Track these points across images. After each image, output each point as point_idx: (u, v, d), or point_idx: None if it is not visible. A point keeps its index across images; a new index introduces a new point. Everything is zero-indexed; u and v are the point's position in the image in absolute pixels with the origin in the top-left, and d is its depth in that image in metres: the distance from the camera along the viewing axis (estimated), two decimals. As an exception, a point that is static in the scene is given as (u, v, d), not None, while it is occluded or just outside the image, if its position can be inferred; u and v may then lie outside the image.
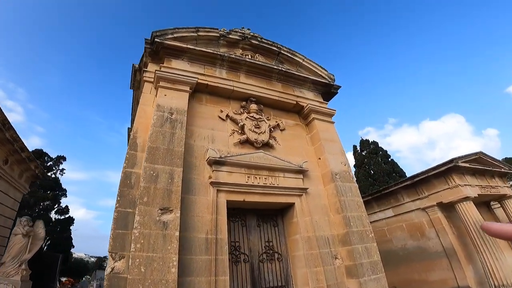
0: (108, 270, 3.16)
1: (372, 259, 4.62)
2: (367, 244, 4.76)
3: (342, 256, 4.71)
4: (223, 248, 3.83)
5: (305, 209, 4.87)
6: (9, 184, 7.02)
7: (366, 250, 4.67)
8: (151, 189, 3.61)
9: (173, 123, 4.36)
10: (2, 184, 6.76)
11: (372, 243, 4.85)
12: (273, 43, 6.61)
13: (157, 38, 5.00)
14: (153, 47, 5.12)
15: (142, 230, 3.28)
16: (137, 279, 2.99)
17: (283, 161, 5.11)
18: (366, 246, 4.74)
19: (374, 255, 4.71)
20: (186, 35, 5.49)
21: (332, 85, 6.82)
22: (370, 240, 4.85)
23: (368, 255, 4.63)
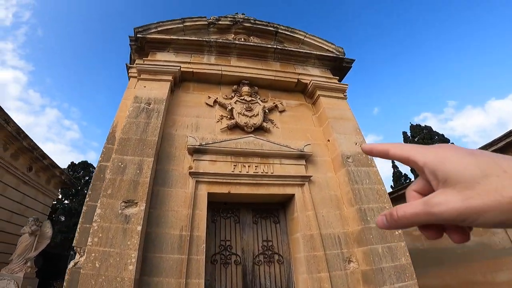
0: (71, 264, 3.05)
1: (398, 263, 3.62)
2: (390, 244, 3.78)
3: (357, 259, 3.84)
4: (199, 247, 3.41)
5: (307, 201, 4.15)
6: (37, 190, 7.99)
7: (390, 252, 3.69)
8: (116, 181, 3.44)
9: (149, 113, 4.20)
10: (29, 190, 7.75)
11: (399, 242, 3.83)
12: (268, 23, 6.15)
13: (139, 34, 5.02)
14: (137, 43, 5.18)
15: (101, 224, 3.09)
16: (90, 274, 2.78)
17: (279, 145, 4.51)
18: (390, 246, 3.75)
19: (402, 257, 3.69)
20: (172, 27, 5.43)
21: (342, 59, 5.98)
22: (395, 238, 3.85)
23: (392, 257, 3.65)
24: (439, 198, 0.35)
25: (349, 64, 6.15)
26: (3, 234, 6.90)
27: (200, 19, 5.65)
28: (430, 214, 0.36)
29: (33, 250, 4.84)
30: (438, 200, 0.35)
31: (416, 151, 0.40)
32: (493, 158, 0.35)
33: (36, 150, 7.60)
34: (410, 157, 0.41)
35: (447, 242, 7.32)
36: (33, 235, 4.94)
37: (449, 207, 0.34)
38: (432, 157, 0.38)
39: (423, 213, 0.36)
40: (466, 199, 0.33)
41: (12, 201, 7.42)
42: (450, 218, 0.34)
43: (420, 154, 0.40)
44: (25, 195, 7.94)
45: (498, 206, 0.31)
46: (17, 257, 4.65)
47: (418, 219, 0.37)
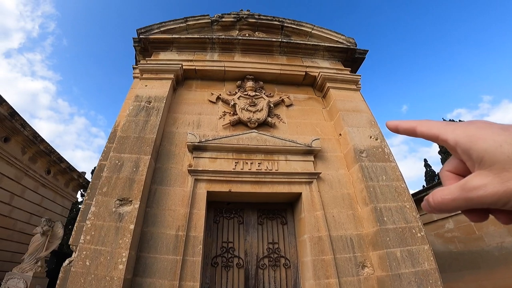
0: (66, 262, 3.04)
1: (420, 268, 3.20)
2: (411, 247, 3.37)
3: (372, 264, 3.47)
4: (195, 248, 3.25)
5: (315, 200, 3.86)
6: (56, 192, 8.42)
7: (410, 256, 3.29)
8: (112, 178, 3.41)
9: (148, 111, 4.19)
10: (48, 193, 8.18)
11: (421, 245, 3.41)
12: (273, 18, 6.01)
13: (142, 35, 5.11)
14: (141, 44, 5.28)
15: (95, 222, 3.06)
16: (80, 272, 2.73)
17: (284, 140, 4.29)
18: (410, 249, 3.35)
19: (424, 262, 3.27)
20: (175, 27, 5.47)
21: (354, 50, 5.66)
22: (417, 241, 3.44)
23: (413, 262, 3.25)
24: (476, 181, 0.34)
25: (363, 55, 5.83)
26: (22, 235, 7.32)
27: (202, 18, 5.65)
28: (468, 200, 0.34)
29: (44, 250, 5.02)
30: (476, 183, 0.33)
31: (446, 129, 0.38)
32: None
33: (53, 154, 8.03)
34: (440, 135, 0.39)
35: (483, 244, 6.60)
36: (44, 235, 5.13)
37: (487, 192, 0.32)
38: (463, 135, 0.36)
39: (461, 199, 0.34)
40: (504, 181, 0.31)
41: (31, 203, 7.87)
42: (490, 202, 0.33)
43: (450, 132, 0.37)
44: (44, 197, 8.41)
45: None
46: (28, 257, 4.85)
47: (456, 204, 0.35)
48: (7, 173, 6.95)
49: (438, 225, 7.63)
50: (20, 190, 7.50)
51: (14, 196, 7.39)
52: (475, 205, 0.34)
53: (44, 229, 5.14)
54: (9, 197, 7.17)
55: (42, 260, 4.96)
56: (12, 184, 7.21)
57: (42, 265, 4.86)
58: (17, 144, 7.05)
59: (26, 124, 6.77)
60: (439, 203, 0.36)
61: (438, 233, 7.60)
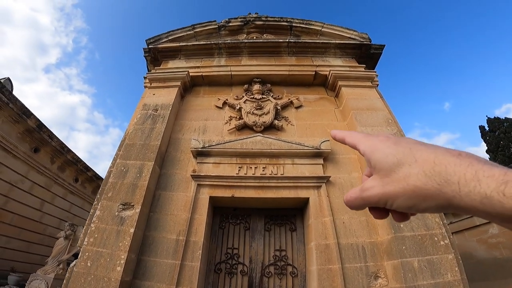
0: (73, 263, 3.27)
1: (441, 280, 2.93)
2: (431, 257, 3.10)
3: (386, 275, 3.25)
4: (194, 253, 3.31)
5: (324, 206, 3.74)
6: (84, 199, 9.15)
7: (430, 266, 3.03)
8: (117, 184, 3.62)
9: (155, 119, 4.41)
10: (76, 199, 8.92)
11: (445, 254, 3.12)
12: (281, 18, 6.04)
13: (151, 45, 5.44)
14: (151, 54, 5.61)
15: (98, 225, 3.27)
16: (81, 273, 2.92)
17: (289, 143, 4.24)
18: (430, 259, 3.09)
19: (447, 273, 2.99)
20: (183, 35, 5.74)
21: (368, 45, 5.46)
22: (439, 250, 3.15)
23: (433, 273, 2.98)
24: (368, 184, 0.41)
25: (378, 50, 5.60)
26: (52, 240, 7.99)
27: (209, 24, 5.86)
28: (362, 199, 0.41)
29: (66, 253, 5.45)
30: (367, 186, 0.40)
31: (360, 140, 0.46)
32: (412, 147, 0.38)
33: (80, 163, 8.77)
34: (356, 145, 0.46)
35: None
36: (67, 239, 5.58)
37: (373, 193, 0.39)
38: (367, 146, 0.43)
39: (359, 198, 0.41)
40: (383, 185, 0.38)
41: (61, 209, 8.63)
42: (375, 201, 0.39)
43: (361, 143, 0.45)
44: (72, 204, 9.19)
45: (404, 193, 0.35)
46: (51, 259, 5.30)
47: (357, 202, 0.42)
48: (38, 181, 7.71)
49: (481, 230, 7.08)
50: (50, 197, 8.26)
51: (45, 202, 8.16)
52: (368, 203, 0.41)
53: (67, 233, 5.59)
54: (40, 203, 7.93)
55: (64, 262, 5.38)
56: (43, 192, 7.98)
57: (63, 268, 5.27)
58: (46, 154, 7.82)
59: (54, 135, 7.49)
60: (347, 201, 0.44)
61: (481, 238, 7.02)
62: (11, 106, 7.07)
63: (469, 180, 0.31)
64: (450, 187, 0.32)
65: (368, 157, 0.42)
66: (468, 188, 0.31)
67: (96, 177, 9.97)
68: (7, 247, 7.45)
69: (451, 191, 0.32)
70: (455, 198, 0.32)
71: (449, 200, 0.32)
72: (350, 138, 0.48)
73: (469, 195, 0.31)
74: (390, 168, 0.37)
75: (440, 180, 0.33)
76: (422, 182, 0.34)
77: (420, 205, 0.35)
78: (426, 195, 0.34)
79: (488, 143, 16.21)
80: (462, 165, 0.33)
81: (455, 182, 0.32)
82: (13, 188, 7.47)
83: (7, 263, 7.31)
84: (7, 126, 7.21)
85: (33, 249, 7.93)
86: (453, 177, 0.32)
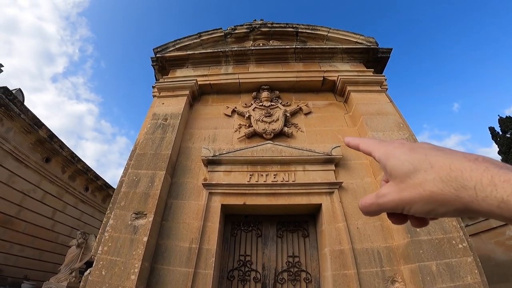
0: (87, 272, 3.31)
1: (461, 283, 2.89)
2: (450, 260, 3.07)
3: (404, 279, 3.22)
4: (208, 261, 3.33)
5: (337, 211, 3.73)
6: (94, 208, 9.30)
7: (449, 269, 2.99)
8: (130, 193, 3.67)
9: (165, 128, 4.47)
10: (87, 208, 9.07)
11: (463, 257, 3.08)
12: (287, 24, 6.10)
13: (158, 54, 5.54)
14: (158, 63, 5.71)
15: (112, 234, 3.31)
16: (96, 281, 2.96)
17: (300, 150, 4.25)
18: (449, 262, 3.05)
19: (467, 275, 2.95)
20: (189, 43, 5.83)
21: (375, 49, 5.47)
22: (458, 253, 3.11)
23: (452, 276, 2.95)
24: (384, 190, 0.41)
25: (386, 54, 5.61)
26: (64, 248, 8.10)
27: (215, 31, 5.94)
28: (378, 205, 0.41)
29: (78, 261, 5.52)
30: (383, 192, 0.41)
31: (374, 147, 0.46)
32: (427, 153, 0.38)
33: (90, 172, 8.93)
34: (371, 152, 0.47)
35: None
36: (79, 247, 5.66)
37: (389, 199, 0.39)
38: (382, 153, 0.44)
39: (375, 204, 0.42)
40: (400, 191, 0.38)
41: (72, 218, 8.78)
42: (391, 207, 0.40)
43: (376, 150, 0.45)
44: (83, 212, 9.35)
45: (421, 199, 0.36)
46: (64, 267, 5.38)
47: (373, 208, 0.42)
48: (49, 191, 7.86)
49: (498, 232, 7.01)
50: (62, 206, 8.41)
51: (57, 211, 8.30)
52: (384, 209, 0.41)
53: (79, 242, 5.67)
54: (52, 212, 8.07)
55: (76, 271, 5.45)
56: (54, 201, 8.13)
57: (76, 276, 5.34)
58: (57, 164, 7.99)
59: (64, 145, 7.65)
60: (362, 207, 0.44)
61: (499, 241, 6.93)
62: (23, 117, 7.26)
63: (486, 185, 0.32)
64: (467, 192, 0.33)
65: (383, 164, 0.43)
66: (485, 193, 0.31)
67: (106, 185, 10.12)
68: (21, 255, 7.58)
69: (468, 196, 0.33)
70: (472, 203, 0.32)
71: (467, 205, 0.33)
72: (364, 145, 0.49)
73: (486, 199, 0.31)
74: (406, 174, 0.38)
75: (457, 186, 0.33)
76: (438, 187, 0.35)
77: (438, 210, 0.36)
78: (443, 200, 0.35)
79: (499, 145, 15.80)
80: (478, 170, 0.33)
81: (471, 187, 0.32)
82: (25, 197, 7.63)
83: (21, 271, 7.44)
84: (19, 136, 7.40)
85: (45, 257, 8.06)
86: (470, 182, 0.33)
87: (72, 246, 5.68)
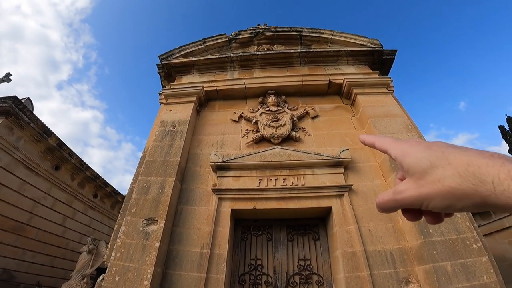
0: (100, 278, 3.35)
1: (477, 282, 2.86)
2: (465, 260, 3.04)
3: (418, 280, 3.19)
4: (219, 266, 3.34)
5: (348, 214, 3.72)
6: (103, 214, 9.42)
7: (464, 269, 2.97)
8: (140, 200, 3.71)
9: (173, 135, 4.51)
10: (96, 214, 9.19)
11: (478, 257, 3.05)
12: (290, 28, 6.13)
13: (164, 61, 5.60)
14: (164, 70, 5.77)
15: (124, 240, 3.34)
16: (110, 287, 3.00)
17: (309, 154, 4.25)
18: (464, 262, 3.02)
19: (483, 275, 2.92)
20: (194, 49, 5.90)
21: (380, 51, 5.47)
22: (472, 253, 3.08)
23: (468, 276, 2.92)
24: (401, 186, 0.42)
25: (391, 55, 5.61)
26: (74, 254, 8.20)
27: (220, 37, 6.00)
28: (396, 201, 0.42)
29: (89, 267, 5.56)
30: (401, 188, 0.42)
31: (390, 145, 0.48)
32: (444, 150, 0.40)
33: (98, 179, 9.03)
34: (387, 150, 0.48)
35: None
36: (90, 254, 5.69)
37: (407, 195, 0.41)
38: (398, 151, 0.45)
39: (392, 200, 0.43)
40: (418, 187, 0.40)
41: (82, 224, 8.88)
42: (410, 203, 0.41)
43: (392, 148, 0.47)
44: (92, 218, 9.46)
45: (439, 194, 0.37)
46: (75, 274, 5.41)
47: (391, 204, 0.44)
48: (59, 198, 7.97)
49: None
50: (72, 212, 8.52)
51: (67, 218, 8.40)
52: (402, 205, 0.43)
53: (90, 248, 5.71)
54: (62, 219, 8.17)
55: (88, 277, 5.48)
56: (64, 207, 8.23)
57: (87, 282, 5.38)
58: (66, 172, 8.09)
59: (73, 153, 7.77)
60: (379, 203, 0.45)
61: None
62: (33, 126, 7.38)
63: (503, 179, 0.33)
64: (485, 187, 0.34)
65: (400, 161, 0.44)
66: (503, 187, 0.32)
67: (114, 192, 10.24)
68: (33, 262, 7.69)
69: (486, 190, 0.34)
70: (490, 196, 0.33)
71: (485, 199, 0.34)
72: (379, 143, 0.50)
73: (503, 193, 0.32)
74: (423, 171, 0.39)
75: (475, 181, 0.35)
76: (457, 183, 0.36)
77: (456, 205, 0.37)
78: (462, 195, 0.36)
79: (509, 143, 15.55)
80: (495, 165, 0.34)
81: (489, 181, 0.33)
82: (36, 204, 7.74)
83: (33, 278, 7.53)
84: (29, 145, 7.52)
85: (57, 263, 8.15)
86: (487, 177, 0.34)
87: (83, 252, 5.73)
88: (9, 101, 6.67)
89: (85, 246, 5.80)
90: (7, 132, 6.88)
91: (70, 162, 7.82)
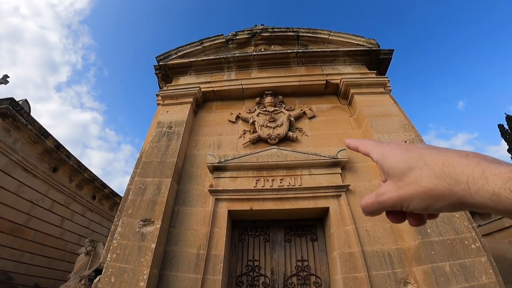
0: (96, 279, 3.32)
1: (476, 283, 2.84)
2: (463, 260, 3.02)
3: (417, 280, 3.17)
4: (216, 267, 3.31)
5: (345, 214, 3.70)
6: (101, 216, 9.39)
7: (462, 270, 2.95)
8: (137, 201, 3.68)
9: (170, 136, 4.48)
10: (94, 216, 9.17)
11: (477, 257, 3.03)
12: (287, 29, 6.12)
13: (161, 62, 5.58)
14: (161, 71, 5.75)
15: (120, 241, 3.31)
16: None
17: (305, 154, 4.23)
18: (462, 263, 3.00)
19: (482, 275, 2.90)
20: (191, 50, 5.88)
21: (377, 51, 5.46)
22: (471, 253, 3.06)
23: (467, 276, 2.90)
24: (382, 189, 0.43)
25: (388, 55, 5.59)
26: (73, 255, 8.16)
27: (217, 38, 5.98)
28: (378, 203, 0.43)
29: (87, 269, 5.53)
30: (382, 190, 0.43)
31: (372, 148, 0.48)
32: (422, 151, 0.40)
33: (97, 181, 9.00)
34: (369, 153, 0.49)
35: None
36: (88, 255, 5.66)
37: (388, 196, 0.41)
38: (379, 154, 0.46)
39: (375, 202, 0.43)
40: (397, 189, 0.40)
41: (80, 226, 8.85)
42: (391, 205, 0.42)
43: (374, 152, 0.47)
44: (91, 220, 9.43)
45: (418, 195, 0.37)
46: (73, 275, 5.39)
47: (374, 207, 0.44)
48: (57, 199, 7.93)
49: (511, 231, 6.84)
50: (70, 214, 8.48)
51: (65, 219, 8.36)
52: (384, 207, 0.43)
53: (88, 249, 5.68)
54: (60, 220, 8.13)
55: (86, 278, 5.45)
56: (62, 209, 8.19)
57: (85, 283, 5.35)
58: (64, 173, 8.06)
59: (71, 155, 7.73)
60: (364, 206, 0.46)
61: None
62: (30, 128, 7.35)
63: (477, 179, 0.33)
64: (460, 186, 0.34)
65: (381, 164, 0.44)
66: (477, 186, 0.32)
67: (113, 194, 10.21)
68: (31, 263, 7.64)
69: (461, 190, 0.33)
70: (466, 196, 0.33)
71: (461, 199, 0.34)
72: (363, 146, 0.51)
73: (478, 193, 0.32)
74: (402, 172, 0.40)
75: (450, 181, 0.35)
76: (433, 183, 0.36)
77: (435, 205, 0.37)
78: (438, 195, 0.36)
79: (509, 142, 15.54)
80: (469, 165, 0.34)
81: (464, 181, 0.33)
82: (34, 206, 7.70)
83: (31, 279, 7.49)
84: (26, 147, 7.49)
85: (55, 265, 8.12)
86: (462, 177, 0.34)
87: (81, 254, 5.69)
88: (6, 103, 6.63)
89: (83, 247, 5.77)
90: (4, 134, 6.85)
91: (68, 164, 7.80)
